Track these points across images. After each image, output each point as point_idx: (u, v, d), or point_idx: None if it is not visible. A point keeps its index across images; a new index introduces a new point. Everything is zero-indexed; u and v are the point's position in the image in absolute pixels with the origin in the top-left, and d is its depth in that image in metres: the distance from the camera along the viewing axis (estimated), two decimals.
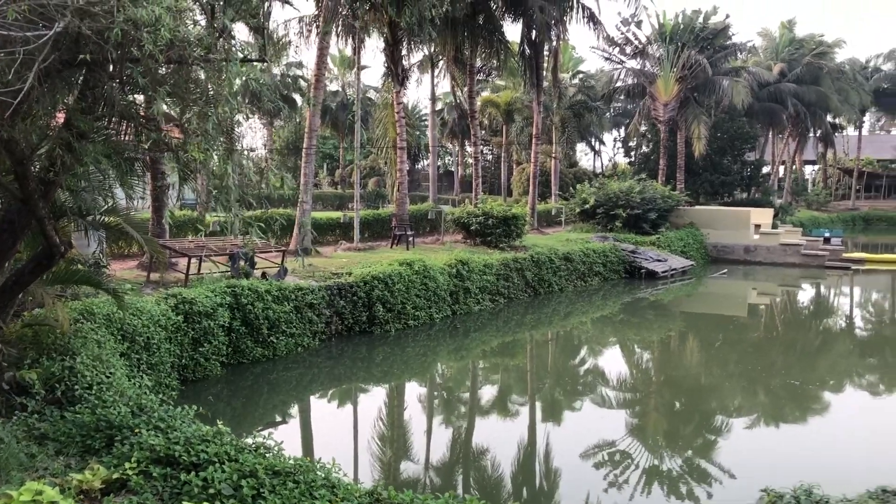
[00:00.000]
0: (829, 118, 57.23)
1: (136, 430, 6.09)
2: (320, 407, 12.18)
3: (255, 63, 7.10)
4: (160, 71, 5.47)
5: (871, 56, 63.93)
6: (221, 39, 5.82)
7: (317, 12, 21.65)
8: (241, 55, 6.24)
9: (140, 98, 6.15)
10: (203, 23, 5.93)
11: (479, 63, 29.93)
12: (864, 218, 61.11)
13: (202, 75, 5.87)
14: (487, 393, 13.40)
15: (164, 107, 6.01)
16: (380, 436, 10.70)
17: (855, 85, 54.32)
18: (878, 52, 65.01)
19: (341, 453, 9.51)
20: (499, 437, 10.42)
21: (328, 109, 50.67)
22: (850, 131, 70.45)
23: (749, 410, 12.10)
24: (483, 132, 51.90)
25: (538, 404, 12.48)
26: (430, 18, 20.47)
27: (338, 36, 23.25)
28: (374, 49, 39.78)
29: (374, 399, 12.79)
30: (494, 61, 29.66)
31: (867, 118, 74.18)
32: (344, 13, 22.11)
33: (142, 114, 6.26)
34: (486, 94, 49.66)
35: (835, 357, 16.48)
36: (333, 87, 55.31)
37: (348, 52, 32.19)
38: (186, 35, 5.33)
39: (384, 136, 29.79)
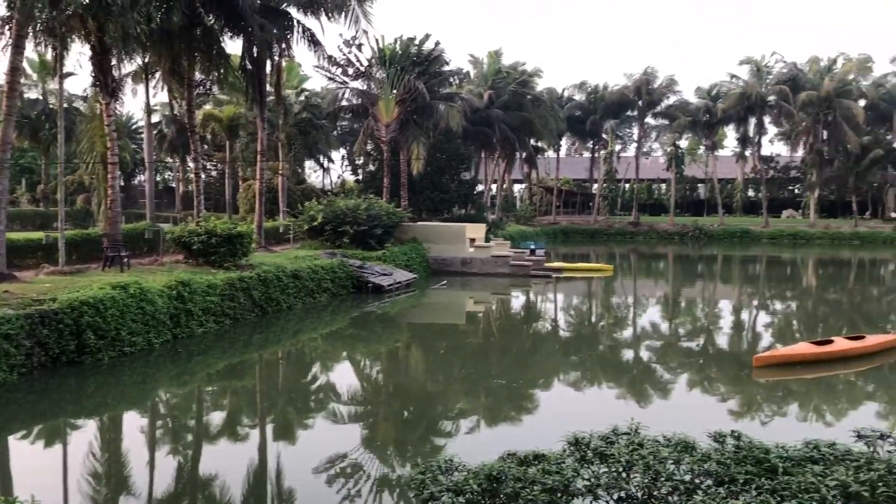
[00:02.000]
0: (532, 142, 63.26)
1: None
2: (22, 449, 10.83)
3: None
4: None
5: (566, 86, 72.01)
6: None
7: (8, 14, 19.30)
8: None
9: None
10: None
11: (198, 76, 28.76)
12: (563, 231, 68.39)
13: None
14: (215, 418, 12.84)
15: None
16: (92, 472, 9.77)
17: (553, 112, 60.65)
18: (571, 82, 73.09)
19: (49, 496, 8.53)
20: (228, 462, 10.03)
21: (27, 119, 45.61)
22: (551, 154, 78.47)
23: (472, 412, 12.93)
24: (206, 147, 49.93)
25: (269, 425, 12.22)
26: (135, 35, 19.27)
27: (35, 40, 20.85)
28: (80, 54, 36.52)
29: (86, 434, 11.65)
30: (215, 74, 28.71)
31: (564, 142, 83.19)
32: (43, 17, 19.95)
33: None
34: (208, 107, 47.85)
35: (543, 356, 18.19)
36: (33, 94, 49.91)
37: (49, 57, 29.33)
38: None
39: (90, 149, 27.42)
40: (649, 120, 71.93)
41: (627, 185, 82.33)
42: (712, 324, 23.55)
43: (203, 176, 33.03)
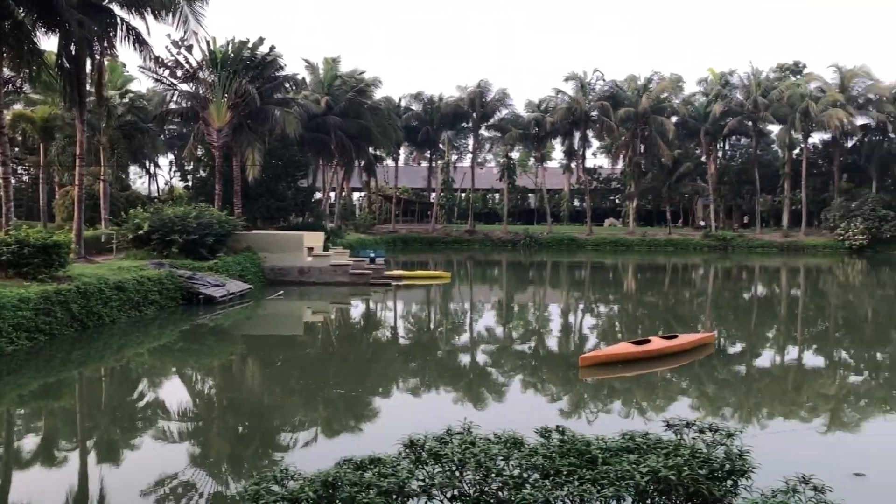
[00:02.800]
0: (371, 150, 63.47)
1: None
2: None
3: None
4: None
5: (402, 95, 72.75)
6: None
7: None
8: None
9: None
10: None
11: (7, 73, 26.42)
12: (402, 239, 69.07)
13: None
14: (29, 442, 11.81)
15: None
16: None
17: (391, 121, 61.17)
18: (408, 91, 74.08)
19: None
20: (42, 490, 9.27)
21: None
22: (389, 162, 79.06)
23: (310, 423, 12.73)
24: (17, 150, 45.97)
25: (91, 447, 11.42)
26: None
27: None
28: None
29: None
30: (26, 72, 26.49)
31: (402, 151, 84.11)
32: None
33: None
34: (18, 107, 44.08)
35: (383, 364, 18.25)
36: None
37: None
38: None
39: None
40: (483, 132, 74.32)
41: (464, 195, 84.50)
42: (543, 327, 24.65)
43: (13, 181, 30.36)
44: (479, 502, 3.25)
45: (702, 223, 78.36)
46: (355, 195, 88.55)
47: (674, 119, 71.52)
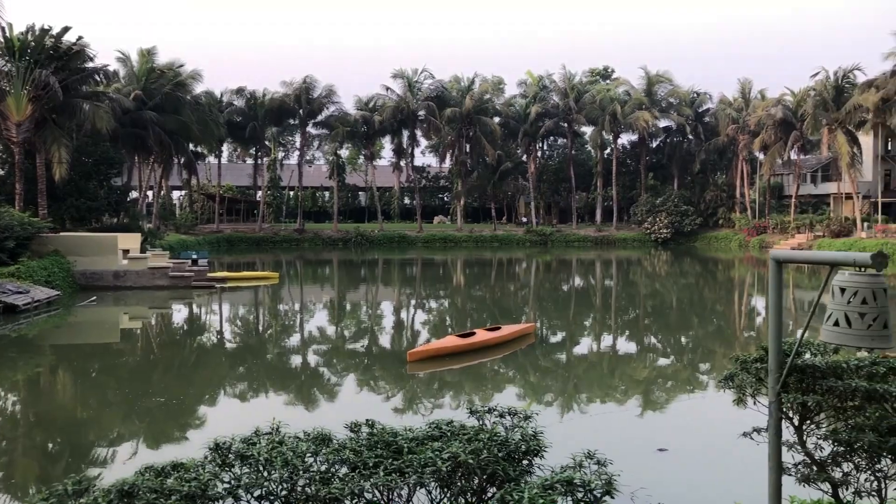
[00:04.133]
0: (191, 146, 60.75)
1: None
2: None
3: None
4: None
5: (224, 90, 70.15)
6: None
7: None
8: None
9: None
10: None
11: None
12: (227, 240, 66.67)
13: None
14: None
15: None
16: None
17: (212, 116, 58.86)
18: (231, 86, 71.42)
19: None
20: None
21: None
22: (212, 160, 76.04)
23: (129, 435, 12.04)
24: None
25: None
26: None
27: None
28: None
29: None
30: None
31: (225, 148, 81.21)
32: None
33: None
34: None
35: (207, 370, 17.58)
36: None
37: None
38: None
39: None
40: (311, 129, 73.29)
41: (292, 193, 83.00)
42: (375, 324, 24.79)
43: None
44: (289, 500, 3.25)
45: (524, 219, 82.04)
46: (175, 194, 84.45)
47: (497, 119, 74.21)
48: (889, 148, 65.05)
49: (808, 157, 70.69)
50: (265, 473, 3.36)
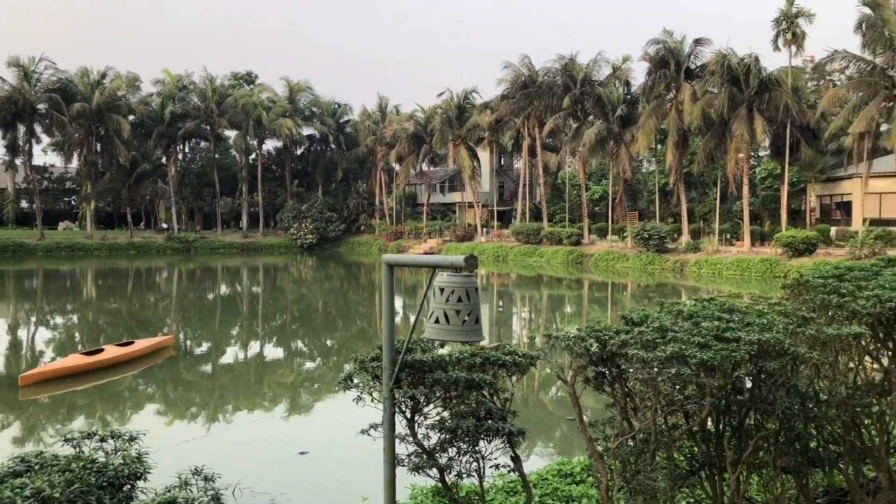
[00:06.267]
0: None
1: None
2: None
3: None
4: None
5: None
6: None
7: None
8: None
9: None
10: None
11: None
12: None
13: None
14: None
15: None
16: None
17: None
18: None
19: None
20: None
21: None
22: None
23: None
24: None
25: None
26: None
27: None
28: None
29: None
30: None
31: None
32: None
33: None
34: None
35: None
36: None
37: None
38: None
39: None
40: None
41: None
42: None
43: None
44: None
45: (164, 225, 77.66)
46: None
47: (132, 118, 69.26)
48: (502, 163, 74.49)
49: (437, 169, 77.57)
50: None
